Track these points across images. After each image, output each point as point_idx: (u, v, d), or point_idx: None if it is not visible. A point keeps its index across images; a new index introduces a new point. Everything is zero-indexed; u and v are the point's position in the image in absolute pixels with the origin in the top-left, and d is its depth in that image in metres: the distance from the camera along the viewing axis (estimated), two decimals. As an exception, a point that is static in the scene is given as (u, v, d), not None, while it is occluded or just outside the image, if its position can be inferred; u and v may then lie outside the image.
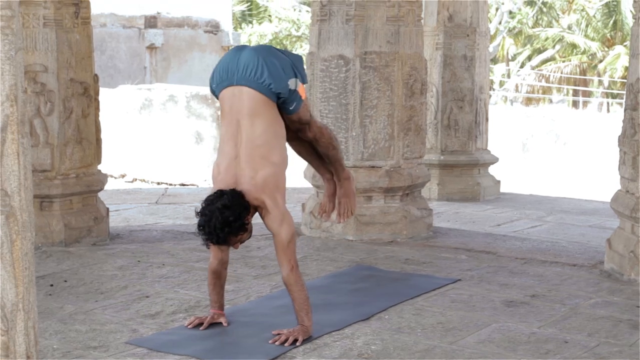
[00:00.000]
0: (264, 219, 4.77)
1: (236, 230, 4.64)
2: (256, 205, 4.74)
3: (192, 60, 23.96)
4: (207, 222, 4.60)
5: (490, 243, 7.63)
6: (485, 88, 11.16)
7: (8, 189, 2.20)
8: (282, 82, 4.84)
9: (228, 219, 4.59)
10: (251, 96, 4.80)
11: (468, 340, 4.85)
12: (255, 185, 4.71)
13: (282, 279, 4.82)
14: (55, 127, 7.16)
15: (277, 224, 4.74)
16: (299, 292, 4.78)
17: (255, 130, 4.78)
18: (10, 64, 2.19)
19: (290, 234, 4.75)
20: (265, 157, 4.75)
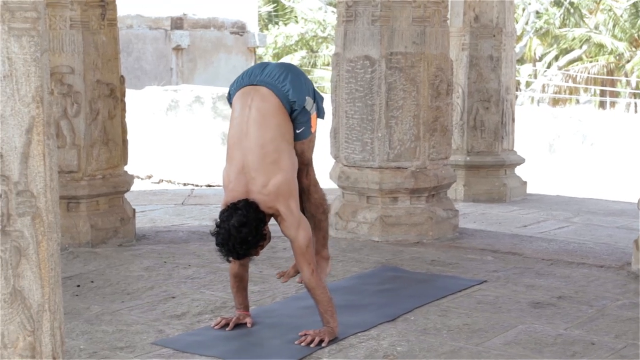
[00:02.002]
0: (280, 225, 4.73)
1: (255, 244, 4.62)
2: (271, 214, 4.70)
3: (218, 62, 24.01)
4: (226, 242, 4.57)
5: (516, 244, 7.60)
6: (511, 89, 11.10)
7: (34, 190, 2.21)
8: (300, 94, 4.83)
9: (246, 238, 4.55)
10: (266, 97, 4.79)
11: (494, 341, 4.83)
12: (269, 194, 4.65)
13: (304, 283, 4.80)
14: (82, 129, 7.19)
15: (294, 230, 4.69)
16: (321, 294, 4.78)
17: (265, 134, 4.74)
18: (36, 65, 2.20)
19: (307, 239, 4.72)
20: (275, 163, 4.69)
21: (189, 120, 15.95)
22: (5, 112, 2.16)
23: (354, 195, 7.81)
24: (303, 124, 4.89)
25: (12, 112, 2.17)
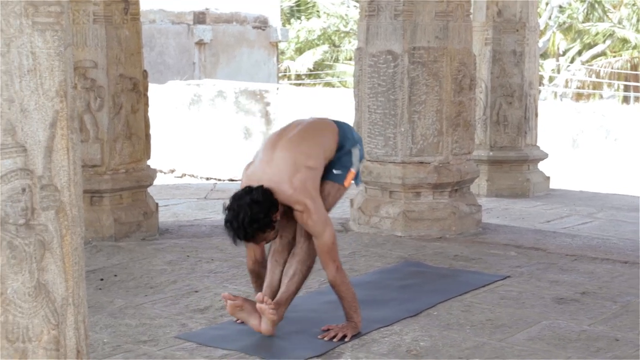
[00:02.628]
0: (305, 220, 4.67)
1: (264, 226, 4.57)
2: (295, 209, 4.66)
3: (240, 56, 24.01)
4: (235, 218, 4.54)
5: (539, 239, 7.56)
6: (534, 83, 11.05)
7: (58, 184, 2.21)
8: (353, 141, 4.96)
9: (257, 215, 4.51)
10: (327, 121, 4.99)
11: (517, 337, 4.81)
12: (295, 188, 4.63)
13: (329, 280, 4.79)
14: (105, 123, 7.21)
15: (320, 227, 4.67)
16: (346, 291, 4.78)
17: (306, 139, 4.80)
18: (60, 59, 2.20)
19: (332, 236, 4.72)
20: (305, 163, 4.70)
21: (212, 115, 15.97)
22: (29, 106, 2.16)
23: (377, 190, 7.80)
24: (341, 168, 4.89)
25: (36, 106, 2.17)
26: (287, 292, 4.79)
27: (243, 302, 4.74)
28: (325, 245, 4.68)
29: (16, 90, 2.15)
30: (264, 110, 15.70)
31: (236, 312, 4.78)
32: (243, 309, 4.74)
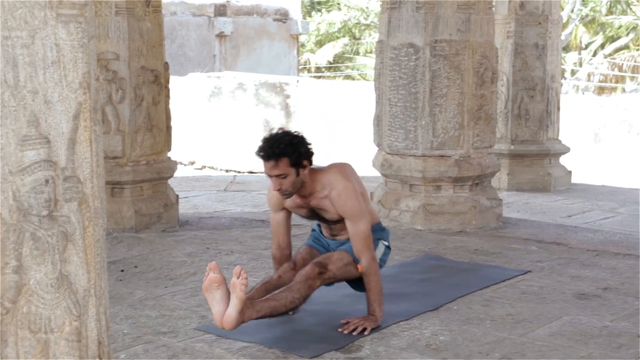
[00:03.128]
0: (345, 200, 4.74)
1: (294, 150, 4.62)
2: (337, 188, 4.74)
3: (261, 49, 24.01)
4: (273, 134, 4.68)
5: (561, 234, 7.53)
6: (557, 77, 11.00)
7: (80, 176, 2.22)
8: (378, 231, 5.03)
9: (295, 139, 4.67)
10: None
11: (538, 332, 4.79)
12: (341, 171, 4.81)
13: (363, 268, 4.79)
14: (127, 115, 7.22)
15: (358, 210, 4.76)
16: (376, 282, 4.81)
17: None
18: (83, 51, 2.21)
19: (369, 225, 4.79)
20: None
21: (232, 107, 15.98)
22: (53, 98, 2.17)
23: (397, 183, 7.78)
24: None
25: (60, 98, 2.18)
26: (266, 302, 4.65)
27: (222, 283, 4.48)
28: (362, 232, 4.75)
29: (40, 82, 2.15)
30: (284, 103, 15.70)
31: (211, 289, 4.46)
32: (218, 289, 4.46)
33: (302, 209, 4.93)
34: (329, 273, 4.78)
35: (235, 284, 4.38)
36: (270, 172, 4.67)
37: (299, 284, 4.69)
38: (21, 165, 2.11)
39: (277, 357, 4.35)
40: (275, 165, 4.63)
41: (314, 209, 4.88)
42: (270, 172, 4.67)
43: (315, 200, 4.81)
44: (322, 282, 4.78)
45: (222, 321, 4.44)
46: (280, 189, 4.70)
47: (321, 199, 4.80)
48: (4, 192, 2.09)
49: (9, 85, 2.10)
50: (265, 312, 4.57)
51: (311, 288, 4.72)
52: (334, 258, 4.84)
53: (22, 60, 2.11)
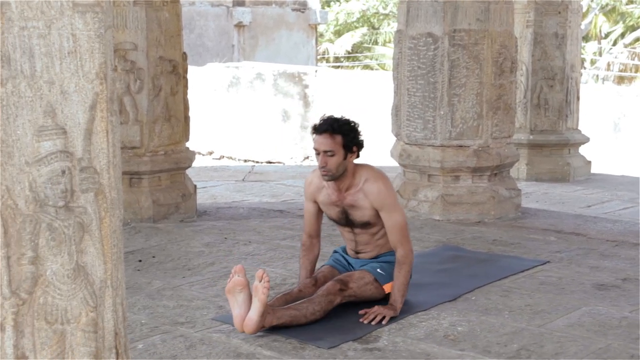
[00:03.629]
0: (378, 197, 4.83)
1: (350, 132, 4.80)
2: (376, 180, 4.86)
3: (279, 39, 24.00)
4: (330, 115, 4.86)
5: (580, 225, 7.49)
6: (576, 66, 10.95)
7: (97, 167, 2.21)
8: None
9: (349, 121, 4.85)
10: None
11: (557, 323, 4.76)
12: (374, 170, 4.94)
13: (399, 257, 4.86)
14: (145, 105, 7.23)
15: (395, 202, 4.89)
16: (406, 274, 4.87)
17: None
18: (100, 42, 2.20)
19: (405, 217, 4.92)
20: None
21: (250, 97, 15.98)
22: (70, 89, 2.16)
23: (415, 173, 7.76)
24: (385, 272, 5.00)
25: (76, 88, 2.17)
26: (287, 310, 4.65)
27: (246, 287, 4.52)
28: (398, 223, 4.86)
29: (56, 72, 2.15)
30: (303, 93, 15.69)
31: (234, 292, 4.50)
32: (241, 292, 4.50)
33: (334, 207, 4.97)
34: (349, 290, 4.85)
35: (257, 287, 4.42)
36: (321, 147, 4.78)
37: (320, 297, 4.74)
38: (37, 156, 2.11)
39: (294, 347, 4.35)
40: (329, 140, 4.76)
41: (345, 210, 4.92)
42: (322, 146, 4.78)
43: (350, 196, 4.88)
44: (342, 299, 4.83)
45: (242, 324, 4.47)
46: (325, 167, 4.78)
47: (356, 192, 4.87)
48: (21, 183, 2.09)
49: (25, 75, 2.10)
50: (285, 320, 4.59)
51: (331, 303, 4.76)
52: (355, 276, 4.92)
53: (38, 51, 2.11)
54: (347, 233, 5.06)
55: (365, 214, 4.87)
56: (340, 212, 4.95)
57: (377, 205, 4.85)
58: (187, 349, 4.30)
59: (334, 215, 4.99)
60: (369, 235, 4.98)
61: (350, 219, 4.94)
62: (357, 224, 4.95)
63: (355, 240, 5.05)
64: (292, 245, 6.47)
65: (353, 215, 4.91)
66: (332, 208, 4.97)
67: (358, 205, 4.87)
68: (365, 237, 5.00)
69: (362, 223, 4.92)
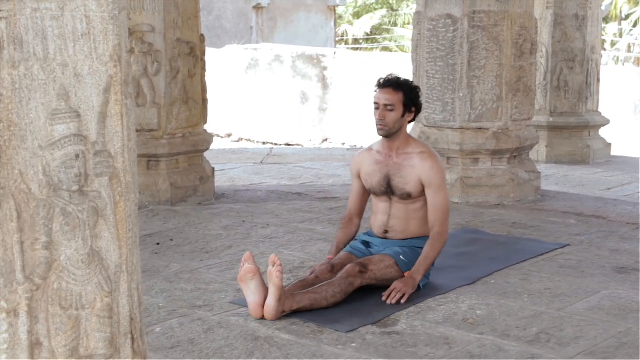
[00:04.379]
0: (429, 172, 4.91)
1: (412, 92, 4.95)
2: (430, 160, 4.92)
3: (298, 21, 23.94)
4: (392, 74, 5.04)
5: (600, 207, 7.44)
6: (597, 48, 10.87)
7: (111, 151, 2.18)
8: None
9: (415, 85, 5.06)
10: None
11: (577, 306, 4.73)
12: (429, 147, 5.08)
13: (435, 234, 4.93)
14: (162, 87, 7.21)
15: (441, 184, 4.95)
16: (436, 250, 4.94)
17: None
18: (114, 24, 2.17)
19: (448, 201, 5.02)
20: None
21: (269, 79, 15.96)
22: (83, 71, 2.13)
23: (434, 156, 7.71)
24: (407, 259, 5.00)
25: (90, 71, 2.14)
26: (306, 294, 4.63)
27: (257, 274, 4.52)
28: (442, 203, 4.96)
29: (70, 55, 2.12)
30: (321, 75, 15.64)
31: (246, 279, 4.51)
32: (253, 279, 4.50)
33: (378, 172, 5.02)
34: (369, 273, 4.83)
35: (271, 272, 4.42)
36: (382, 101, 4.95)
37: (340, 280, 4.73)
38: (51, 140, 2.08)
39: (312, 331, 4.33)
40: (391, 94, 4.93)
41: (389, 175, 4.97)
42: (382, 100, 4.95)
43: (399, 159, 4.97)
44: (362, 280, 4.80)
45: (259, 311, 4.48)
46: (383, 120, 4.92)
47: (407, 158, 4.96)
48: (34, 167, 2.07)
49: (38, 58, 2.07)
50: (305, 304, 4.58)
51: (352, 285, 4.74)
52: (375, 259, 4.92)
53: (51, 33, 2.08)
54: (383, 204, 5.07)
55: (409, 184, 4.93)
56: (383, 178, 5.00)
57: (426, 181, 4.91)
58: (204, 332, 4.29)
59: (375, 182, 5.03)
60: (404, 209, 5.00)
61: (391, 187, 4.98)
62: (397, 193, 4.97)
63: (389, 214, 5.05)
64: (310, 228, 6.45)
65: (395, 182, 4.96)
66: (375, 174, 5.03)
67: (404, 172, 4.94)
68: (400, 211, 5.02)
69: (403, 193, 4.96)
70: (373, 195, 5.13)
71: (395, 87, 4.94)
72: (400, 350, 4.07)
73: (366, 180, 5.10)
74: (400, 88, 4.94)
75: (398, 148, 5.00)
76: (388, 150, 5.02)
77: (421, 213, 5.01)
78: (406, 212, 5.01)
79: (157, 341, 4.15)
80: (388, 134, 4.95)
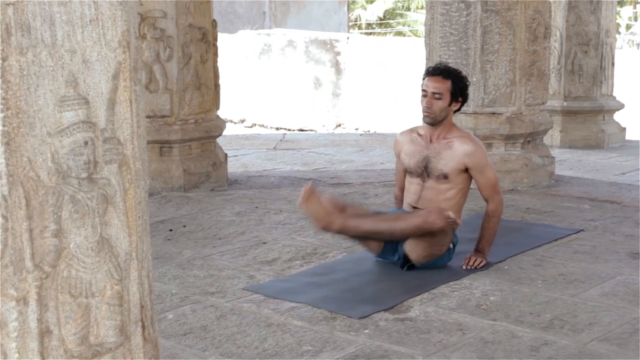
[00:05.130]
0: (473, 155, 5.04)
1: (460, 81, 5.06)
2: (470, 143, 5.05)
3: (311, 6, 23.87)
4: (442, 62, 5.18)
5: (614, 192, 7.40)
6: (611, 32, 10.80)
7: (121, 137, 2.17)
8: None
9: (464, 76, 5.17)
10: None
11: (591, 292, 4.70)
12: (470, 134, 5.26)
13: (489, 210, 5.12)
14: (174, 73, 7.19)
15: (486, 163, 5.10)
16: (496, 224, 5.15)
17: None
18: (122, 9, 2.15)
19: (496, 173, 5.18)
20: None
21: (282, 65, 15.92)
22: (92, 58, 2.11)
23: (448, 141, 7.68)
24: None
25: (99, 57, 2.12)
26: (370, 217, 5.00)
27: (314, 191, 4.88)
28: (490, 179, 5.12)
29: (78, 41, 2.10)
30: (334, 60, 15.60)
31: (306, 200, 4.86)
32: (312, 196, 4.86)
33: (417, 154, 5.14)
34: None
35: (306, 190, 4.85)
36: (430, 88, 5.04)
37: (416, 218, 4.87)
38: (59, 127, 2.06)
39: (325, 317, 4.32)
40: (440, 82, 5.04)
41: (428, 157, 5.09)
42: (431, 88, 5.04)
43: (440, 144, 5.09)
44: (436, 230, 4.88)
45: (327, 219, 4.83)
46: (430, 108, 5.02)
47: (448, 143, 5.07)
48: (42, 154, 2.05)
49: (46, 44, 2.05)
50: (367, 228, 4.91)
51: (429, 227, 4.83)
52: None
53: (59, 19, 2.06)
54: (415, 186, 5.17)
55: (448, 165, 5.04)
56: (422, 160, 5.12)
57: (469, 163, 5.04)
58: (217, 319, 4.28)
59: (413, 162, 5.15)
60: (435, 191, 5.09)
61: (429, 168, 5.09)
62: (434, 174, 5.08)
63: (420, 195, 5.14)
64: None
65: (433, 164, 5.08)
66: (415, 155, 5.15)
67: (444, 155, 5.06)
68: (431, 193, 5.11)
69: (440, 174, 5.06)
70: (408, 175, 5.23)
71: (444, 75, 5.04)
72: (413, 336, 4.05)
73: (404, 160, 5.23)
74: (449, 76, 5.05)
75: (439, 134, 5.11)
76: (430, 134, 5.14)
77: (449, 195, 5.11)
78: (437, 193, 5.11)
79: (170, 328, 4.14)
80: (434, 121, 5.07)
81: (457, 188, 5.12)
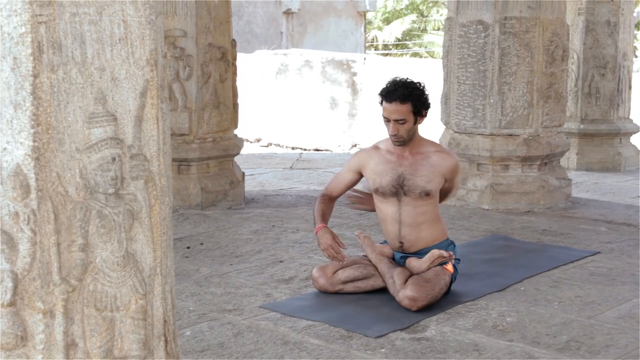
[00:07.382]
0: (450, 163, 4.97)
1: (419, 96, 4.83)
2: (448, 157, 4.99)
3: (327, 26, 23.96)
4: (396, 79, 4.90)
5: (631, 215, 7.40)
6: (629, 55, 10.81)
7: (147, 154, 2.20)
8: None
9: (418, 85, 4.90)
10: None
11: (607, 315, 4.70)
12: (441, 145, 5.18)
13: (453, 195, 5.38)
14: (194, 92, 7.24)
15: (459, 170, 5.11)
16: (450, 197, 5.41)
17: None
18: (151, 28, 2.19)
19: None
20: None
21: (298, 84, 15.97)
22: (120, 75, 2.15)
23: (464, 162, 7.70)
24: None
25: (127, 75, 2.16)
26: None
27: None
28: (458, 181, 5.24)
29: (107, 59, 2.14)
30: (351, 80, 15.64)
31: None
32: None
33: (390, 171, 4.91)
34: None
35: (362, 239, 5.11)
36: (392, 116, 4.82)
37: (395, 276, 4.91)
38: (88, 143, 2.10)
39: (341, 336, 4.34)
40: (399, 107, 4.80)
41: (403, 175, 4.88)
42: (392, 115, 4.82)
43: (414, 157, 4.91)
44: None
45: None
46: (396, 134, 4.83)
47: (423, 155, 4.92)
48: (71, 170, 2.08)
49: (77, 62, 2.09)
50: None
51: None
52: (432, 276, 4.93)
53: (89, 37, 2.10)
54: (391, 208, 4.94)
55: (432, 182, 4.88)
56: (396, 179, 4.88)
57: (451, 176, 4.99)
58: (234, 336, 4.31)
59: (386, 182, 4.90)
60: (413, 212, 4.90)
61: (405, 186, 4.87)
62: (412, 193, 4.87)
63: (400, 221, 4.93)
64: (339, 234, 6.43)
65: (411, 181, 4.86)
66: (386, 173, 4.91)
67: (424, 171, 4.88)
68: (409, 215, 4.91)
69: (422, 192, 4.87)
70: (379, 198, 4.97)
71: (402, 99, 4.79)
72: (430, 356, 4.07)
73: (374, 180, 4.95)
74: (407, 99, 4.80)
75: (411, 148, 4.93)
76: (400, 151, 4.93)
77: (429, 215, 4.94)
78: (415, 215, 4.91)
79: (187, 344, 4.17)
80: (404, 143, 4.89)
81: (435, 199, 4.98)
